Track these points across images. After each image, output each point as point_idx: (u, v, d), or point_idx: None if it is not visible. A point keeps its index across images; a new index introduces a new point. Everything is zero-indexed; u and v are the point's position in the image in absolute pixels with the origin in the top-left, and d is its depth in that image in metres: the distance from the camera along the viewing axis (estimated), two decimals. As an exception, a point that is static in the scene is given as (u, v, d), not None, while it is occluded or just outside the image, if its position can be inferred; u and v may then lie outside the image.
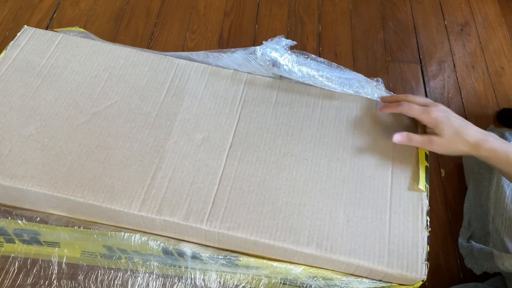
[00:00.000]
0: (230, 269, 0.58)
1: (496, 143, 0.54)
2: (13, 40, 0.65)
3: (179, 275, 0.61)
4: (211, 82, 0.65)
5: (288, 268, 0.54)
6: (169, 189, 0.54)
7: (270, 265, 0.55)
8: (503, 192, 0.69)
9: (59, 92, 0.61)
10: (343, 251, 0.52)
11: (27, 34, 0.66)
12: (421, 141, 0.58)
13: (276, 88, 0.65)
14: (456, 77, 1.10)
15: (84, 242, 0.57)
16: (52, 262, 0.60)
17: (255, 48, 0.63)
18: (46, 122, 0.58)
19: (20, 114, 0.58)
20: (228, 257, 0.55)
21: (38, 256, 0.61)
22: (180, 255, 0.56)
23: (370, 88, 0.64)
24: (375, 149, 0.61)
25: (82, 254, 0.59)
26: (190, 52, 0.68)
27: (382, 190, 0.57)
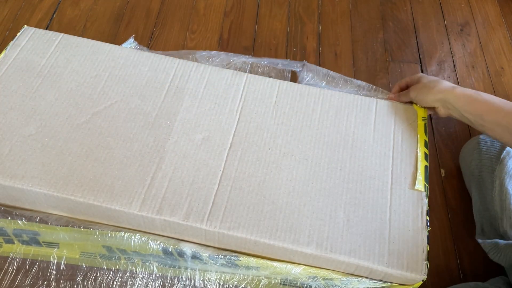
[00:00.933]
0: (230, 270, 0.58)
1: (467, 89, 0.63)
2: (13, 40, 0.65)
3: (179, 276, 0.61)
4: (211, 82, 0.65)
5: (288, 268, 0.54)
6: (169, 189, 0.54)
7: (270, 265, 0.55)
8: (508, 194, 0.69)
9: (59, 92, 0.61)
10: (343, 251, 0.52)
11: (27, 34, 0.66)
12: (404, 94, 0.68)
13: (276, 88, 0.65)
14: (456, 77, 1.10)
15: (84, 243, 0.57)
16: (51, 263, 0.59)
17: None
18: (46, 122, 0.58)
19: (20, 114, 0.58)
20: (228, 257, 0.55)
21: (37, 257, 0.61)
22: (180, 255, 0.56)
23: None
24: (375, 149, 0.61)
25: (81, 255, 0.59)
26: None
27: (382, 190, 0.57)
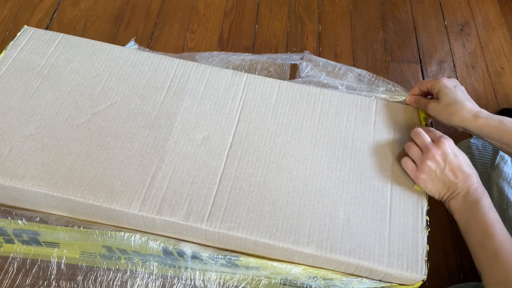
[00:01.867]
0: (230, 270, 0.58)
1: (491, 114, 0.58)
2: (13, 40, 0.65)
3: (179, 276, 0.61)
4: (211, 82, 0.65)
5: (288, 268, 0.54)
6: (169, 189, 0.54)
7: (270, 265, 0.55)
8: (509, 203, 0.67)
9: (59, 92, 0.61)
10: (343, 251, 0.52)
11: (27, 34, 0.66)
12: (423, 103, 0.64)
13: (276, 88, 0.65)
14: (456, 77, 1.10)
15: (84, 243, 0.57)
16: (51, 263, 0.59)
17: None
18: (46, 122, 0.58)
19: (20, 114, 0.58)
20: (228, 257, 0.55)
21: (37, 257, 0.61)
22: (180, 255, 0.56)
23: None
24: (375, 149, 0.61)
25: (82, 255, 0.59)
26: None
27: (382, 190, 0.57)
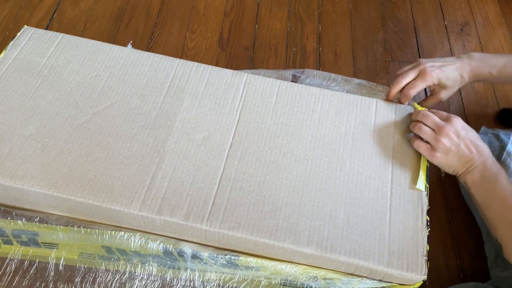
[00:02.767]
0: (230, 270, 0.58)
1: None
2: (13, 40, 0.65)
3: (178, 277, 0.61)
4: (211, 82, 0.65)
5: (288, 269, 0.54)
6: (169, 189, 0.54)
7: (270, 266, 0.55)
8: None
9: (59, 92, 0.61)
10: (343, 251, 0.52)
11: (27, 34, 0.66)
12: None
13: (276, 88, 0.65)
14: (456, 77, 1.10)
15: (83, 243, 0.57)
16: (49, 264, 0.59)
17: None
18: (46, 122, 0.58)
19: (20, 114, 0.58)
20: (228, 257, 0.55)
21: (35, 258, 0.60)
22: (180, 255, 0.56)
23: None
24: (375, 149, 0.61)
25: (80, 256, 0.59)
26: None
27: (382, 190, 0.57)
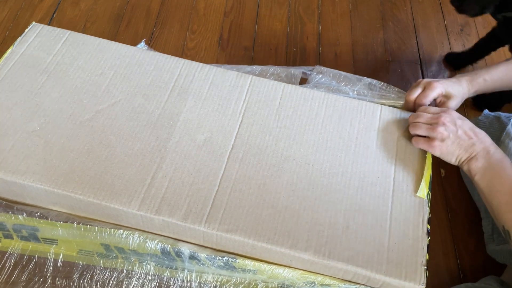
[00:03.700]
0: (227, 272, 0.58)
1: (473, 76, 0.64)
2: (21, 36, 0.66)
3: (175, 277, 0.61)
4: (215, 83, 0.65)
5: (286, 273, 0.54)
6: (169, 189, 0.54)
7: (268, 269, 0.54)
8: None
9: (64, 89, 0.61)
10: (341, 258, 0.52)
11: (35, 31, 0.67)
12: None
13: (280, 91, 0.65)
14: (456, 77, 1.10)
15: (82, 240, 0.57)
16: (48, 260, 0.60)
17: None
18: (50, 119, 0.58)
19: (25, 110, 0.59)
20: (226, 258, 0.55)
21: (35, 253, 0.61)
22: (178, 255, 0.56)
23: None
24: (378, 155, 0.60)
25: (79, 253, 0.59)
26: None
27: (383, 197, 0.57)
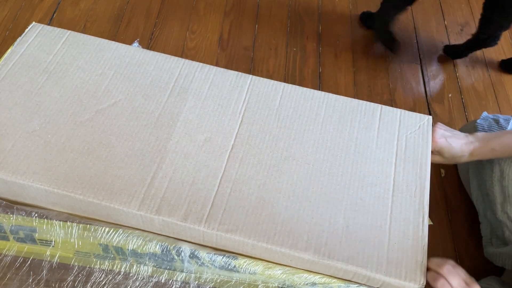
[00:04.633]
0: (227, 273, 0.58)
1: (482, 146, 0.65)
2: (21, 36, 0.66)
3: (173, 279, 0.60)
4: (215, 83, 0.65)
5: (286, 273, 0.54)
6: (169, 189, 0.54)
7: (267, 269, 0.54)
8: (510, 180, 0.69)
9: (64, 89, 0.61)
10: (341, 258, 0.52)
11: (35, 31, 0.67)
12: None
13: (280, 91, 0.65)
14: (456, 77, 1.10)
15: (80, 240, 0.57)
16: (43, 262, 0.59)
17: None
18: (50, 119, 0.58)
19: (25, 110, 0.59)
20: (226, 258, 0.55)
21: (30, 255, 0.60)
22: (178, 255, 0.56)
23: None
24: (378, 156, 0.60)
25: (76, 254, 0.59)
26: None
27: (383, 197, 0.57)
